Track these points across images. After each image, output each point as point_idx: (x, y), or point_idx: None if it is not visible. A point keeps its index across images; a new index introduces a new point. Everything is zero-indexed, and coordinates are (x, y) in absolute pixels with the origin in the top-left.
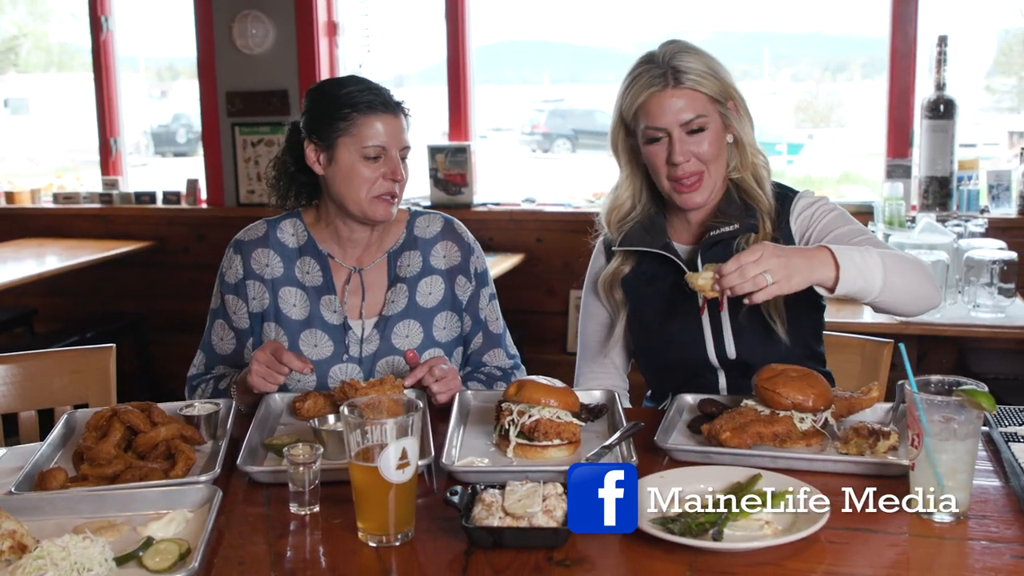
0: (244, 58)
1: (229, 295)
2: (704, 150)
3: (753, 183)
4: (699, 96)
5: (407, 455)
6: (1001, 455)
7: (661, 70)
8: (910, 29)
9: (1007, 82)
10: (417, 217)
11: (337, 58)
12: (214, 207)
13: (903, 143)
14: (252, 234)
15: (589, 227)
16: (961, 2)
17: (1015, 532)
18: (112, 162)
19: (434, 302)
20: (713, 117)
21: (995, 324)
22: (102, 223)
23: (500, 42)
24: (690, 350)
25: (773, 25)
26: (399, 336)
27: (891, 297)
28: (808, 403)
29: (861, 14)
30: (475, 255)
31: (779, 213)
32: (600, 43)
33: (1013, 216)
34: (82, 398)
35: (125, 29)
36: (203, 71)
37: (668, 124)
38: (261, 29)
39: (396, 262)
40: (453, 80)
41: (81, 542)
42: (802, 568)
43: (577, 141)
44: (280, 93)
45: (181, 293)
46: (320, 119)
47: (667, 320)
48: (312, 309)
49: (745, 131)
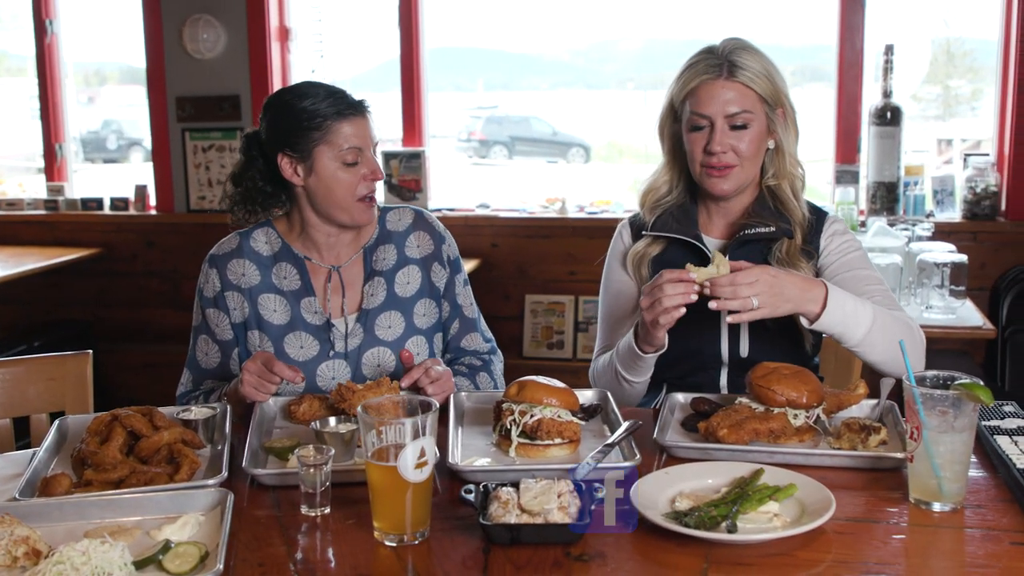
0: (195, 63)
1: (209, 309)
2: (743, 146)
3: (789, 193)
4: (749, 93)
5: (425, 454)
6: (986, 447)
7: (718, 60)
8: (858, 38)
9: (932, 90)
10: (388, 212)
11: (289, 63)
12: (164, 213)
13: (851, 149)
14: (225, 247)
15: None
16: (899, 12)
17: (1010, 520)
18: (57, 168)
19: (412, 291)
20: (759, 117)
21: (947, 325)
22: (47, 230)
23: (433, 49)
24: (703, 342)
25: (706, 34)
26: (382, 327)
27: (869, 352)
28: (802, 400)
29: (795, 23)
30: (447, 243)
31: (812, 226)
32: (533, 51)
33: (958, 220)
34: (58, 405)
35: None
36: (152, 76)
37: (713, 113)
38: (212, 34)
39: (372, 256)
40: (407, 85)
41: (100, 546)
42: (813, 558)
43: (514, 148)
44: (232, 98)
45: (130, 301)
46: (291, 131)
47: (687, 310)
48: (293, 313)
49: (788, 140)
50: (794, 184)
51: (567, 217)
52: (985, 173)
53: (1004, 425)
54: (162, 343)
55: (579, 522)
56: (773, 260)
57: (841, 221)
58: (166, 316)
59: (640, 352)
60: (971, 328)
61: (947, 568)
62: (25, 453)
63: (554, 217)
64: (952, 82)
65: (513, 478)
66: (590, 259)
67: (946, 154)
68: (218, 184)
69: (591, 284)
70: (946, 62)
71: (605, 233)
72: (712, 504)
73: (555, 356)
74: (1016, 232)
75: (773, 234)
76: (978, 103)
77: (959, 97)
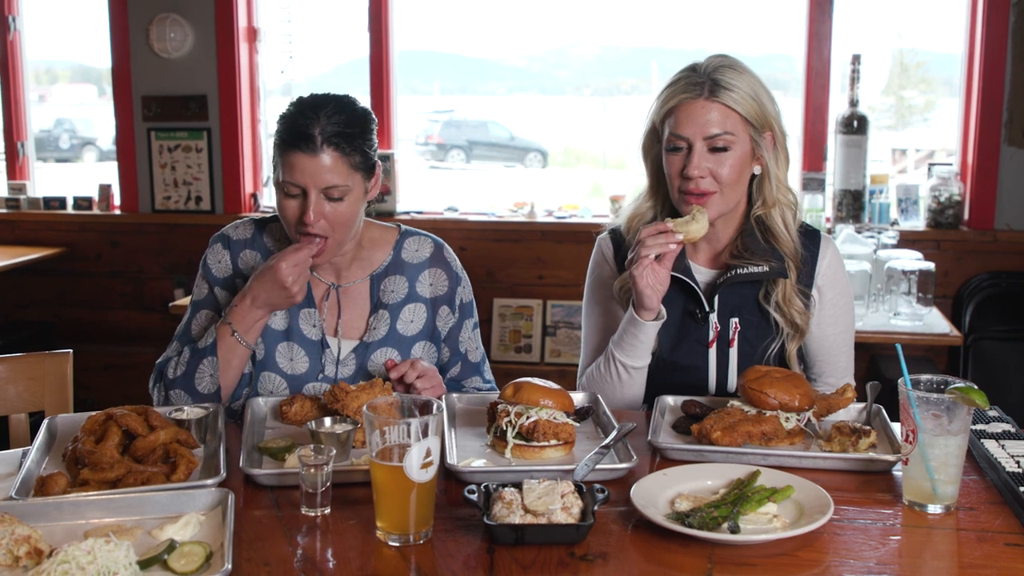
0: (162, 62)
1: (219, 288)
2: (724, 171)
3: (780, 224)
4: (732, 114)
5: (431, 454)
6: (974, 451)
7: (700, 79)
8: (825, 48)
9: (886, 100)
10: (407, 238)
11: (257, 64)
12: (128, 213)
13: (818, 157)
14: (240, 233)
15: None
16: (861, 23)
17: (1003, 522)
18: (19, 166)
19: (415, 331)
20: (741, 140)
21: (914, 331)
22: (9, 228)
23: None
24: (691, 375)
25: (661, 41)
26: (376, 363)
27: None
28: (794, 403)
29: (754, 32)
30: (462, 285)
31: (806, 258)
32: (490, 55)
33: (922, 229)
34: (38, 405)
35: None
36: (118, 75)
37: (692, 134)
38: (180, 33)
39: (380, 286)
40: (376, 88)
41: (105, 545)
42: (814, 558)
43: (471, 152)
44: (199, 98)
45: (93, 301)
46: (275, 142)
47: (674, 343)
48: (292, 321)
49: (777, 166)
50: (785, 214)
51: (536, 221)
52: (949, 182)
53: (990, 430)
54: (125, 344)
55: (583, 523)
56: (771, 306)
57: (834, 246)
58: (130, 317)
59: (639, 319)
60: (938, 335)
61: (946, 568)
62: (13, 452)
63: (523, 221)
64: (905, 93)
65: (511, 479)
66: (558, 264)
67: (900, 163)
68: (184, 184)
69: (559, 288)
70: (900, 73)
71: (573, 238)
72: (712, 505)
73: (523, 360)
74: (979, 241)
75: (766, 275)
76: (930, 114)
77: (912, 108)
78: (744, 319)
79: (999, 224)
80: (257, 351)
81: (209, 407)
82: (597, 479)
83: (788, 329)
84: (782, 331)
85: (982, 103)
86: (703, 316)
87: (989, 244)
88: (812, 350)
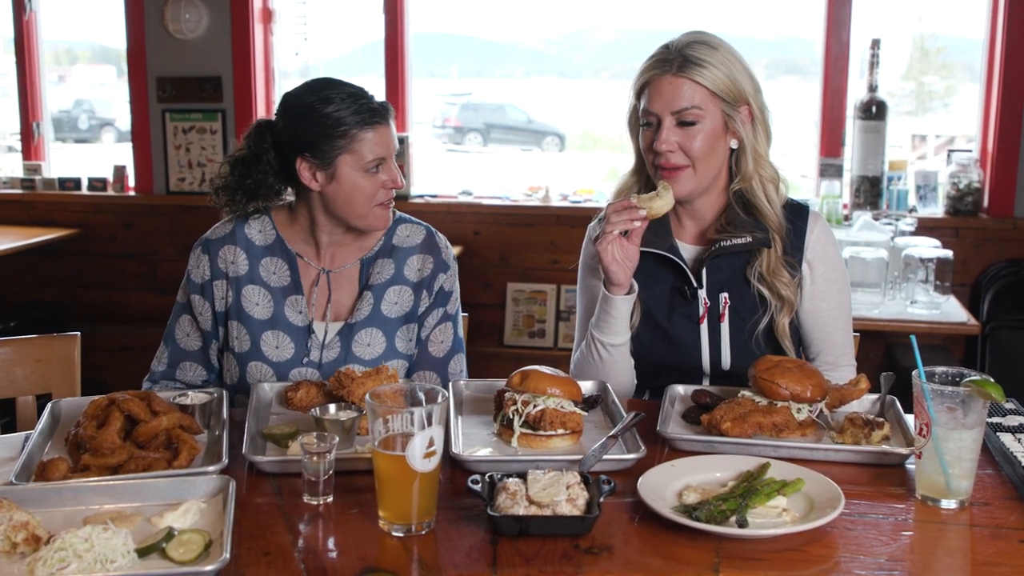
0: (176, 43)
1: (195, 295)
2: (694, 145)
3: (762, 197)
4: (700, 89)
5: (434, 444)
6: (990, 444)
7: (671, 56)
8: (844, 32)
9: (906, 86)
10: (399, 224)
11: (272, 45)
12: (143, 194)
13: (836, 143)
14: (219, 232)
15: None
16: (882, 8)
17: (1018, 518)
18: (34, 147)
19: (398, 312)
20: (711, 114)
21: (931, 320)
22: (24, 209)
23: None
24: (684, 354)
25: (680, 24)
26: (360, 344)
27: None
28: (806, 394)
29: (770, 16)
30: (446, 273)
31: (792, 231)
32: (508, 38)
33: (940, 216)
34: (45, 387)
35: None
36: (133, 56)
37: (660, 109)
38: (195, 14)
39: (369, 270)
40: (391, 70)
41: (103, 533)
42: (823, 553)
43: (489, 135)
44: (213, 79)
45: (107, 282)
46: (314, 138)
47: (665, 321)
48: (276, 309)
49: (755, 141)
50: (767, 188)
51: (550, 205)
52: (968, 169)
53: (1006, 423)
54: (139, 325)
55: (588, 515)
56: (753, 277)
57: (823, 221)
58: (143, 298)
59: (609, 294)
60: (955, 324)
61: (958, 565)
62: (16, 436)
63: (537, 205)
64: (926, 78)
65: (517, 468)
66: (573, 248)
67: (920, 149)
68: (198, 166)
69: (573, 273)
70: (920, 58)
71: (588, 222)
72: (721, 498)
73: (536, 345)
74: (998, 228)
75: (749, 245)
76: (951, 99)
77: (932, 93)
78: (733, 294)
79: (1019, 212)
80: (242, 340)
81: (213, 392)
82: (604, 469)
83: (775, 301)
84: (771, 305)
85: (1003, 89)
86: (692, 293)
87: (1008, 232)
88: (807, 327)
